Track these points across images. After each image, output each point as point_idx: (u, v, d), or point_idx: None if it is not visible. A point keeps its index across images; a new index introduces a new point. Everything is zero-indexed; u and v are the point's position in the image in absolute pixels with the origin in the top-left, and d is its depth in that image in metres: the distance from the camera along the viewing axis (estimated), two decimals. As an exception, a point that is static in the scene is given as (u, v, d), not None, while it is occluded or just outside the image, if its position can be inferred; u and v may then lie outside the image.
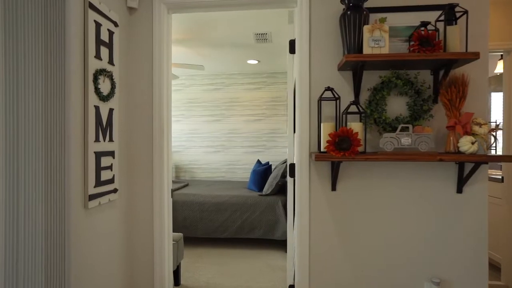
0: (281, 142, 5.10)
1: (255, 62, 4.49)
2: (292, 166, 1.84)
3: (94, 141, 1.46)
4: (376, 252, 1.67)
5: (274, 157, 5.10)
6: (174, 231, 3.55)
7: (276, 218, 3.44)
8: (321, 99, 1.65)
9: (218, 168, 5.23)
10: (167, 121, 1.86)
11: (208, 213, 3.54)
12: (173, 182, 4.46)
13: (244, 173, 5.15)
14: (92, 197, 1.44)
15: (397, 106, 1.63)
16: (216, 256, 3.29)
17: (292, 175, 1.85)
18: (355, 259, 1.68)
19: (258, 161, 4.42)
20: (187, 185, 4.38)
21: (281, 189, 3.88)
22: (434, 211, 1.63)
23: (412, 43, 1.51)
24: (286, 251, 3.44)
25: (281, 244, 3.65)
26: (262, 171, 3.91)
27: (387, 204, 1.66)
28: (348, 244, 1.68)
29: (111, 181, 1.60)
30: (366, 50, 1.44)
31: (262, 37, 3.44)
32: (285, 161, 4.34)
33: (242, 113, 5.18)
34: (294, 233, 1.79)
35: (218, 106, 5.23)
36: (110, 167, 1.59)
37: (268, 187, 3.59)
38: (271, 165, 3.97)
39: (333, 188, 1.68)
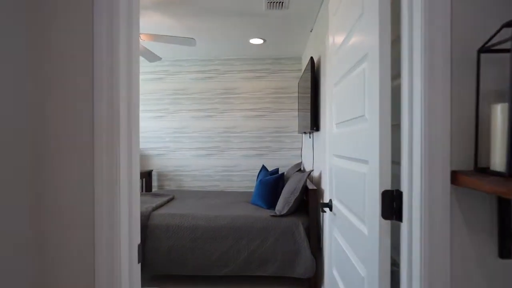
0: (289, 143, 4.17)
1: (259, 41, 3.54)
2: (397, 195, 0.90)
3: None
4: None
5: (280, 161, 4.17)
6: (155, 268, 2.56)
7: (296, 248, 2.51)
8: (485, 49, 0.73)
9: (211, 176, 4.25)
10: (130, 109, 0.90)
11: (202, 242, 2.57)
12: (154, 194, 3.46)
13: (243, 182, 4.20)
14: None
15: None
16: (214, 305, 2.33)
17: (395, 215, 0.90)
18: None
19: (264, 168, 3.47)
20: (172, 198, 3.38)
21: (300, 207, 2.94)
22: None
23: None
24: (310, 293, 2.51)
25: (303, 284, 2.72)
26: (273, 182, 2.97)
27: None
28: None
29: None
30: None
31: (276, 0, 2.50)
32: (299, 168, 3.41)
33: (240, 108, 4.22)
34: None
35: (211, 99, 4.25)
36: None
37: (283, 205, 2.66)
38: (283, 173, 3.05)
39: (505, 252, 0.75)
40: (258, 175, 3.44)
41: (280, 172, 3.03)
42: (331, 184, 1.58)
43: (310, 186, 2.68)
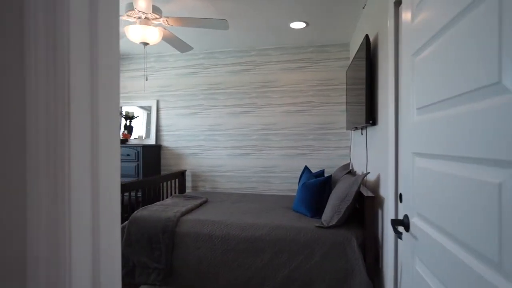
0: (335, 141, 3.69)
1: (301, 25, 3.11)
2: None
3: None
4: None
5: (325, 162, 3.70)
6: (183, 281, 2.26)
7: (349, 267, 2.06)
8: None
9: (247, 177, 3.90)
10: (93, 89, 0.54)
11: (236, 254, 2.22)
12: (187, 197, 3.18)
13: (283, 184, 3.79)
14: None
15: None
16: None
17: None
18: None
19: (307, 169, 3.04)
20: (205, 201, 3.09)
21: (352, 218, 2.48)
22: None
23: None
24: (365, 324, 2.05)
25: (353, 306, 2.25)
26: (318, 186, 2.54)
27: None
28: None
29: None
30: None
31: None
32: (348, 169, 2.93)
33: (279, 102, 3.82)
34: None
35: (247, 93, 3.91)
36: None
37: (331, 214, 2.21)
38: (330, 176, 2.60)
39: None
40: (301, 177, 3.01)
41: (330, 176, 2.59)
42: (408, 194, 1.13)
43: (366, 192, 2.21)
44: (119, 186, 0.53)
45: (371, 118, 2.24)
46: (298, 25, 3.11)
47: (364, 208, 2.13)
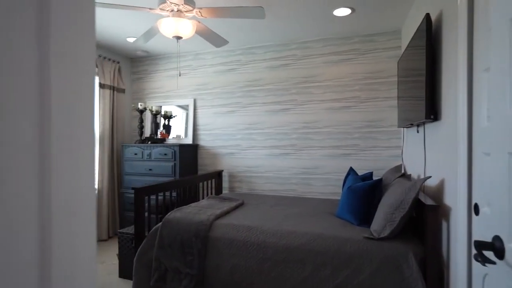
0: (384, 141, 3.32)
1: (346, 11, 2.82)
2: None
3: None
4: None
5: (373, 163, 3.35)
6: (215, 289, 2.10)
7: (406, 285, 1.75)
8: None
9: (286, 178, 3.67)
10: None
11: (273, 265, 2.01)
12: (222, 198, 3.04)
13: (326, 187, 3.50)
14: None
15: None
16: None
17: None
18: None
19: (353, 171, 2.74)
20: (241, 204, 2.92)
21: (408, 229, 2.15)
22: None
23: None
24: None
25: (409, 332, 1.92)
26: (367, 190, 2.24)
27: None
28: None
29: None
30: None
31: None
32: (401, 172, 2.58)
33: (322, 98, 3.54)
34: None
35: (287, 89, 3.68)
36: None
37: (383, 224, 1.91)
38: (380, 179, 2.28)
39: None
40: (345, 180, 2.72)
41: (380, 179, 2.28)
42: (498, 207, 0.84)
43: (425, 199, 1.88)
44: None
45: (432, 112, 1.90)
46: (342, 11, 2.81)
47: (424, 218, 1.81)
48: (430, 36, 1.88)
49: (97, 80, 3.89)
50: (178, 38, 2.28)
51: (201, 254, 2.15)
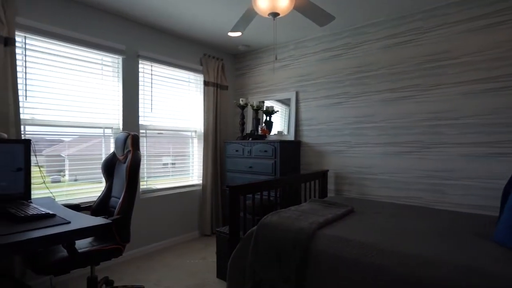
0: None
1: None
2: None
3: None
4: None
5: (546, 166, 2.36)
6: (318, 315, 1.70)
7: None
8: None
9: (409, 183, 2.97)
10: None
11: (396, 298, 1.48)
12: (327, 203, 2.61)
13: (466, 196, 2.67)
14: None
15: None
16: None
17: None
18: None
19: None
20: (351, 211, 2.43)
21: None
22: None
23: None
24: None
25: None
26: (550, 207, 1.46)
27: None
28: None
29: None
30: None
31: None
32: None
33: (456, 80, 2.72)
34: None
35: (408, 73, 2.97)
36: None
37: None
38: None
39: None
40: (507, 190, 1.93)
41: None
42: None
43: None
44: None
45: None
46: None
47: None
48: None
49: (201, 78, 3.98)
50: (275, 15, 1.97)
51: (299, 269, 1.79)
